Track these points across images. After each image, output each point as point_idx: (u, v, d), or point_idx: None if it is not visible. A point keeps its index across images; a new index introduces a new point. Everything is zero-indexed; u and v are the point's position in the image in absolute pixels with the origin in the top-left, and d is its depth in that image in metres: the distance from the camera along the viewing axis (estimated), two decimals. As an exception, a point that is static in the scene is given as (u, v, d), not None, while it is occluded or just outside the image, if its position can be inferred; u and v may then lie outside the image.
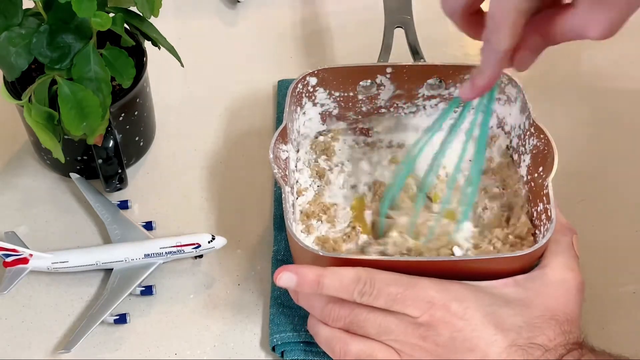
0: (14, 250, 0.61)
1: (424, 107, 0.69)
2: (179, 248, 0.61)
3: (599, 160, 0.72)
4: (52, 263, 0.62)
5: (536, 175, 0.60)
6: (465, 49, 0.83)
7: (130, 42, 0.66)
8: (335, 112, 0.69)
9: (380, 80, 0.67)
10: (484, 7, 0.52)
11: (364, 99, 0.68)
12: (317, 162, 0.67)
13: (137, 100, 0.67)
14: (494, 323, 0.50)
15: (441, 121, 0.61)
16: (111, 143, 0.62)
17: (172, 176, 0.71)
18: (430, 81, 0.67)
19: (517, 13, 0.48)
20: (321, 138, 0.69)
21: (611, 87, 0.79)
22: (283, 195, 0.57)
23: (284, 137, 0.61)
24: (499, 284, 0.53)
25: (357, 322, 0.52)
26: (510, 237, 0.60)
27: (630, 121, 0.75)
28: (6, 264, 0.62)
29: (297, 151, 0.67)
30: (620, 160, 0.72)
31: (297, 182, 0.65)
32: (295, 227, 0.61)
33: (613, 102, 0.77)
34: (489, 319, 0.50)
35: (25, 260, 0.62)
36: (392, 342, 0.51)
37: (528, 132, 0.62)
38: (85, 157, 0.67)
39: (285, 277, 0.53)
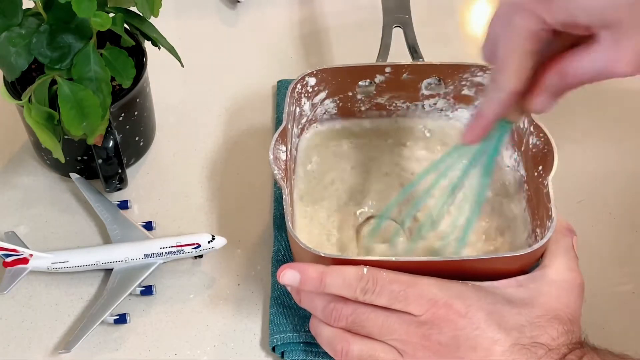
0: (14, 250, 0.61)
1: (423, 107, 0.69)
2: (179, 248, 0.61)
3: (599, 160, 0.72)
4: (52, 263, 0.62)
5: (536, 174, 0.60)
6: (464, 48, 0.83)
7: (130, 42, 0.66)
8: (335, 112, 0.69)
9: (379, 80, 0.67)
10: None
11: (363, 98, 0.68)
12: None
13: (137, 100, 0.67)
14: (497, 322, 0.50)
15: (444, 164, 0.58)
16: (111, 143, 0.62)
17: (172, 176, 0.71)
18: (429, 80, 0.67)
19: (522, 54, 0.46)
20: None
21: (611, 86, 0.78)
22: (283, 195, 0.57)
23: (283, 138, 0.61)
24: (501, 284, 0.53)
25: (359, 322, 0.52)
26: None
27: (631, 121, 0.75)
28: (6, 264, 0.62)
29: (296, 149, 0.67)
30: (620, 160, 0.72)
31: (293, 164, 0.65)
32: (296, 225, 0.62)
33: (613, 101, 0.77)
34: (492, 317, 0.50)
35: (25, 260, 0.62)
36: (394, 342, 0.51)
37: (527, 131, 0.62)
38: (85, 157, 0.67)
39: (289, 275, 0.53)
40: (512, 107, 0.50)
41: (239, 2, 0.88)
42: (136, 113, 0.68)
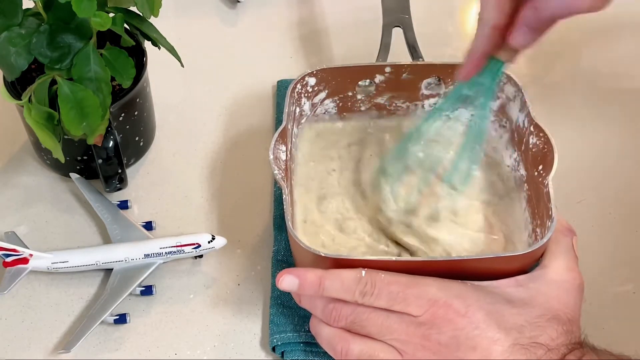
0: (14, 250, 0.61)
1: (423, 107, 0.69)
2: (179, 248, 0.61)
3: (599, 160, 0.72)
4: (52, 263, 0.62)
5: (536, 173, 0.60)
6: (464, 48, 0.83)
7: (130, 42, 0.66)
8: (335, 112, 0.69)
9: (379, 80, 0.67)
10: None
11: (362, 98, 0.68)
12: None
13: (137, 100, 0.67)
14: (496, 322, 0.50)
15: (447, 105, 0.64)
16: (111, 143, 0.62)
17: (172, 176, 0.71)
18: (429, 80, 0.67)
19: None
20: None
21: (611, 86, 0.79)
22: (283, 195, 0.57)
23: (283, 138, 0.61)
24: (501, 284, 0.53)
25: (358, 322, 0.52)
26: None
27: (630, 121, 0.75)
28: (6, 264, 0.62)
29: (296, 149, 0.67)
30: (620, 160, 0.72)
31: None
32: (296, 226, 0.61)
33: (613, 101, 0.77)
34: (492, 317, 0.50)
35: (25, 260, 0.62)
36: (394, 342, 0.51)
37: (527, 131, 0.62)
38: (85, 157, 0.67)
39: (287, 280, 0.53)
40: (498, 43, 0.52)
41: (239, 2, 0.88)
42: (136, 113, 0.68)
